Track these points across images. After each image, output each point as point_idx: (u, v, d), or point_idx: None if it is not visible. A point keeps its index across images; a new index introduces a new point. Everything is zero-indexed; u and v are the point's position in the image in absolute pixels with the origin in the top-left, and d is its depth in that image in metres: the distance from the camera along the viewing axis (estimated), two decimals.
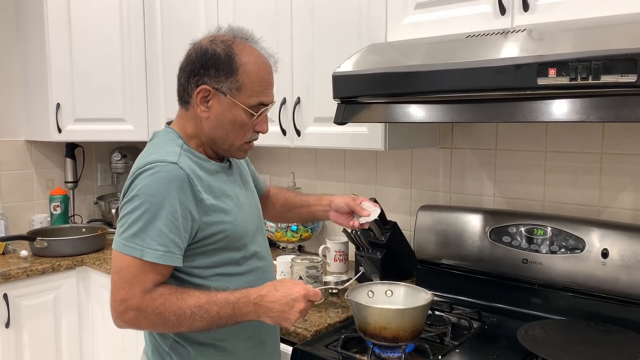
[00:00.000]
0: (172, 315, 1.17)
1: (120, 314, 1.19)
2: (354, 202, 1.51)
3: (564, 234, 1.64)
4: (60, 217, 2.86)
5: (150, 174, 1.18)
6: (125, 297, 1.17)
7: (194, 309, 1.17)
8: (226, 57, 1.24)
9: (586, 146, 1.73)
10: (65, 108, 2.62)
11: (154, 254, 1.16)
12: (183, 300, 1.17)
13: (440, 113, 1.43)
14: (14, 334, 2.30)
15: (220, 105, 1.26)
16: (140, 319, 1.18)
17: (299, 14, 1.98)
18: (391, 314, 1.39)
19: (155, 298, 1.17)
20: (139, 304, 1.16)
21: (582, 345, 1.42)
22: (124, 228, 1.18)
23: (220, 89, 1.25)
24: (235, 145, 1.31)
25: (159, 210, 1.16)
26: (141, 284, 1.17)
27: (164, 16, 2.53)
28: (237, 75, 1.24)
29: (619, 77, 1.10)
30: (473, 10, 1.52)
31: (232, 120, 1.27)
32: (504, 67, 1.25)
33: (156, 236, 1.16)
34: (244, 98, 1.26)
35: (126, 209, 1.19)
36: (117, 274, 1.19)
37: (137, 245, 1.16)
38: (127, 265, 1.17)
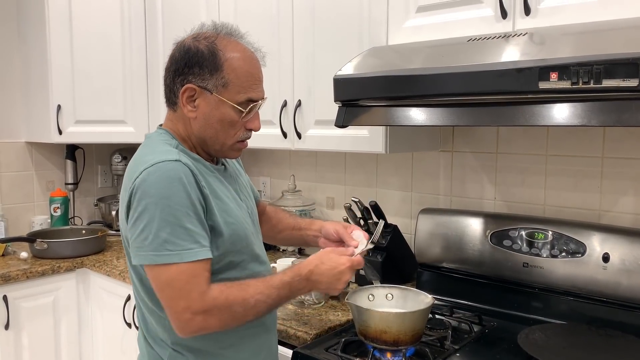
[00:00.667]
0: (239, 307, 1.17)
1: (187, 323, 1.15)
2: (344, 230, 1.46)
3: (564, 238, 1.64)
4: (60, 219, 2.86)
5: (157, 176, 1.14)
6: (186, 305, 1.14)
7: (256, 297, 1.18)
8: (210, 53, 1.21)
9: (587, 150, 1.72)
10: (66, 109, 2.62)
11: (191, 253, 1.14)
12: (244, 290, 1.18)
13: (441, 116, 1.42)
14: (13, 336, 2.30)
15: (207, 104, 1.23)
16: (209, 320, 1.15)
17: (300, 17, 1.98)
18: (391, 317, 1.38)
19: (217, 296, 1.15)
20: (202, 306, 1.14)
21: (583, 350, 1.42)
22: (150, 239, 1.13)
23: (205, 87, 1.22)
24: (226, 145, 1.28)
25: (177, 210, 1.13)
26: (196, 287, 1.14)
27: (165, 18, 2.54)
28: (222, 72, 1.21)
29: (621, 82, 1.10)
30: (474, 13, 1.52)
31: (220, 118, 1.24)
32: (505, 70, 1.25)
33: (186, 236, 1.14)
34: (231, 95, 1.23)
35: (144, 219, 1.14)
36: (168, 287, 1.15)
37: (172, 251, 1.13)
38: (172, 275, 1.14)
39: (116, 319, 2.32)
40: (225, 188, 1.30)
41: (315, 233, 1.53)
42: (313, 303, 1.81)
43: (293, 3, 2.00)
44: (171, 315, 1.16)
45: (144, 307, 1.29)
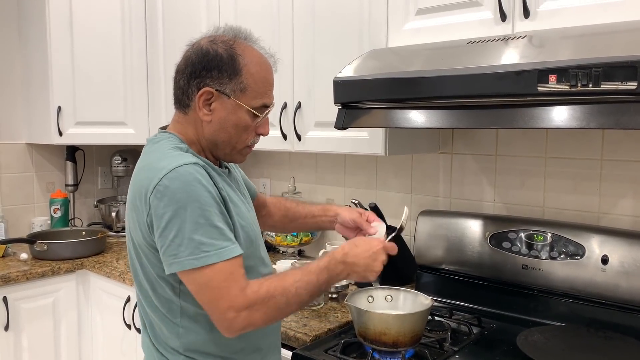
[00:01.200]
0: (281, 297, 1.16)
1: (232, 322, 1.14)
2: (360, 218, 1.49)
3: (563, 240, 1.64)
4: (60, 220, 2.87)
5: (181, 181, 1.12)
6: (230, 304, 1.13)
7: (297, 285, 1.17)
8: (229, 57, 1.21)
9: (586, 152, 1.73)
10: (67, 111, 2.63)
11: (227, 251, 1.14)
12: (282, 280, 1.18)
13: (441, 118, 1.43)
14: (13, 337, 2.30)
15: (223, 108, 1.22)
16: (254, 314, 1.14)
17: (300, 19, 1.99)
18: (391, 319, 1.39)
19: (257, 290, 1.15)
20: (244, 301, 1.13)
21: (582, 352, 1.42)
22: (185, 244, 1.12)
23: (223, 91, 1.21)
24: (237, 149, 1.28)
25: (208, 211, 1.13)
26: (235, 284, 1.13)
27: (166, 20, 2.54)
28: (240, 77, 1.21)
29: (619, 84, 1.10)
30: (474, 16, 1.53)
31: (236, 123, 1.24)
32: (504, 73, 1.25)
33: (219, 235, 1.14)
34: (248, 99, 1.23)
35: (175, 225, 1.12)
36: (206, 289, 1.14)
37: (208, 252, 1.12)
38: (210, 275, 1.12)
39: (116, 321, 2.32)
40: (233, 191, 1.29)
41: (331, 219, 1.56)
42: (313, 304, 1.81)
43: (293, 5, 2.00)
44: (215, 317, 1.15)
45: (155, 314, 1.26)
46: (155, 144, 1.26)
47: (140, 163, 1.25)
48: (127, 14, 2.63)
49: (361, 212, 1.51)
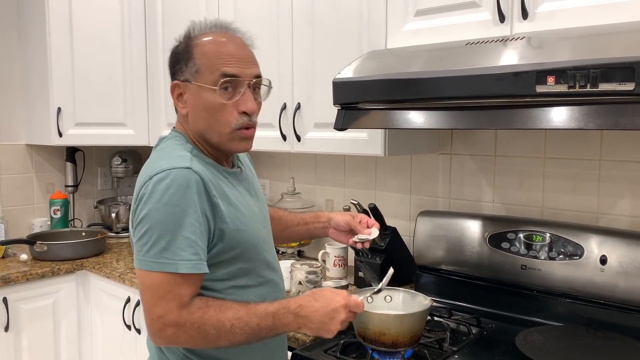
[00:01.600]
0: (212, 329, 1.12)
1: (158, 332, 1.13)
2: (353, 220, 1.47)
3: (562, 241, 1.64)
4: (60, 221, 2.87)
5: (166, 183, 1.12)
6: (162, 314, 1.12)
7: (233, 322, 1.12)
8: (185, 47, 1.23)
9: (585, 153, 1.73)
10: (66, 112, 2.63)
11: (188, 265, 1.11)
12: (222, 312, 1.13)
13: (440, 119, 1.43)
14: (13, 338, 2.30)
15: (191, 95, 1.22)
16: (180, 334, 1.13)
17: (299, 20, 1.99)
18: (390, 319, 1.39)
19: (193, 312, 1.12)
20: (177, 319, 1.11)
21: (581, 352, 1.42)
22: (150, 244, 1.12)
23: (186, 79, 1.21)
24: (224, 134, 1.22)
25: (183, 219, 1.12)
26: (177, 298, 1.12)
27: (165, 21, 2.55)
28: (194, 59, 1.20)
29: (617, 85, 1.11)
30: (472, 17, 1.53)
31: (205, 105, 1.20)
32: (503, 74, 1.26)
33: (187, 246, 1.12)
34: (205, 77, 1.19)
35: (147, 224, 1.13)
36: (148, 292, 1.13)
37: (169, 259, 1.11)
38: (158, 281, 1.12)
39: (116, 321, 2.33)
40: (239, 193, 1.27)
41: (323, 225, 1.53)
42: None
43: (292, 7, 2.01)
44: (146, 320, 1.15)
45: None
46: (164, 142, 1.28)
47: (147, 161, 1.26)
48: (126, 16, 2.63)
49: (354, 215, 1.49)
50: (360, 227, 1.45)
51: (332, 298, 1.16)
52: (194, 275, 1.14)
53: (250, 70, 1.23)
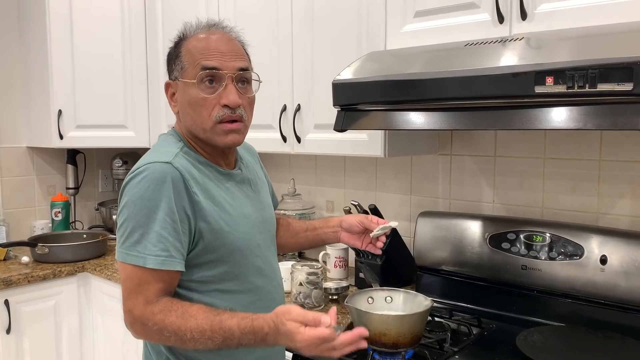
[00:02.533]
0: (172, 335, 1.11)
1: (130, 325, 1.16)
2: (367, 219, 1.44)
3: (562, 241, 1.64)
4: (61, 224, 2.87)
5: (142, 177, 1.14)
6: (130, 308, 1.13)
7: (194, 334, 1.09)
8: (174, 48, 1.28)
9: (584, 153, 1.74)
10: (67, 114, 2.64)
11: (155, 260, 1.12)
12: (184, 320, 1.10)
13: (440, 120, 1.44)
14: (14, 340, 2.31)
15: (179, 93, 1.25)
16: (146, 331, 1.13)
17: (299, 22, 2.00)
18: (391, 320, 1.39)
19: (155, 312, 1.12)
20: (141, 315, 1.12)
21: (581, 352, 1.42)
22: (125, 237, 1.14)
23: (175, 77, 1.26)
24: (207, 128, 1.21)
25: (156, 213, 1.12)
26: (144, 293, 1.13)
27: (166, 23, 2.55)
28: (180, 57, 1.24)
29: (616, 86, 1.11)
30: (472, 18, 1.53)
31: (189, 100, 1.22)
32: (502, 75, 1.26)
33: (157, 241, 1.12)
34: (188, 73, 1.22)
35: (123, 217, 1.16)
36: (123, 284, 1.16)
37: (140, 253, 1.12)
38: (130, 274, 1.14)
39: (117, 323, 2.33)
40: (229, 195, 1.26)
41: (334, 229, 1.49)
42: (313, 306, 1.82)
43: (292, 8, 2.01)
44: (123, 310, 1.17)
45: None
46: (158, 139, 1.32)
47: None
48: (126, 17, 2.64)
49: (367, 216, 1.46)
50: (375, 224, 1.42)
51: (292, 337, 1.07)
52: (162, 271, 1.13)
53: (233, 63, 1.22)
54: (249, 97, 1.27)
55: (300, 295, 1.82)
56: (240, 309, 1.17)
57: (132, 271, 1.14)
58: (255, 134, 1.52)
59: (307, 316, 1.08)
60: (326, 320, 1.07)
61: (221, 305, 1.18)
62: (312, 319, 1.07)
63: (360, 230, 1.45)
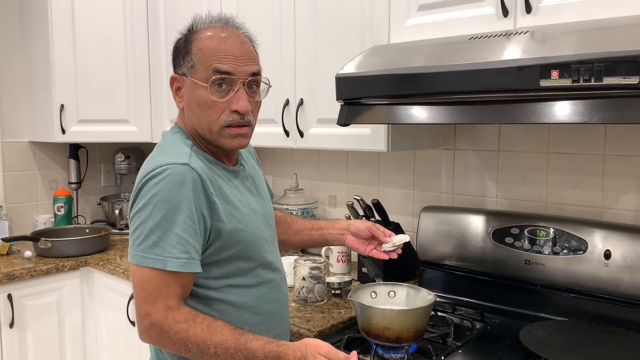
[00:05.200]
0: (195, 347, 1.09)
1: (145, 329, 1.13)
2: (375, 228, 1.44)
3: (566, 235, 1.64)
4: (64, 218, 2.87)
5: (161, 178, 1.12)
6: (148, 312, 1.11)
7: (218, 349, 1.08)
8: (184, 41, 1.23)
9: (589, 147, 1.73)
10: (69, 109, 2.63)
11: (176, 263, 1.10)
12: (209, 334, 1.09)
13: (443, 114, 1.43)
14: (18, 334, 2.31)
15: (186, 90, 1.22)
16: (164, 339, 1.12)
17: (302, 16, 1.99)
18: (394, 314, 1.39)
19: (179, 321, 1.10)
20: (162, 321, 1.10)
21: (585, 346, 1.42)
22: (141, 239, 1.12)
23: (183, 73, 1.22)
24: (214, 131, 1.20)
25: (176, 215, 1.11)
26: (164, 298, 1.11)
27: (168, 18, 2.55)
28: (191, 54, 1.20)
29: (621, 79, 1.10)
30: (476, 12, 1.53)
31: (197, 101, 1.20)
32: (506, 68, 1.25)
33: (177, 243, 1.10)
34: (199, 73, 1.19)
35: (140, 218, 1.13)
36: (138, 287, 1.13)
37: (158, 255, 1.10)
38: (148, 277, 1.11)
39: (120, 317, 2.33)
40: (238, 192, 1.26)
41: (340, 232, 1.49)
42: (316, 301, 1.82)
43: (295, 2, 2.00)
44: (137, 315, 1.14)
45: None
46: (164, 138, 1.29)
47: (147, 157, 1.25)
48: (129, 12, 2.63)
49: (374, 224, 1.46)
50: (383, 235, 1.44)
51: None
52: (182, 274, 1.12)
53: (246, 68, 1.21)
54: (257, 101, 1.26)
55: (303, 290, 1.82)
56: (252, 303, 1.21)
57: (150, 274, 1.11)
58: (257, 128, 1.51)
59: (339, 355, 1.09)
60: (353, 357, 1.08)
61: (235, 300, 1.19)
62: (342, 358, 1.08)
63: (367, 237, 1.46)
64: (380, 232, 1.44)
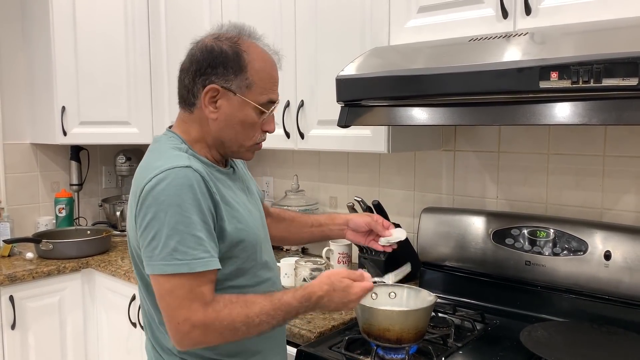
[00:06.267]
0: (242, 325, 1.13)
1: (186, 335, 1.12)
2: (373, 221, 1.47)
3: (566, 236, 1.64)
4: (65, 220, 2.88)
5: (167, 183, 1.11)
6: (187, 316, 1.10)
7: (262, 317, 1.14)
8: (234, 54, 1.20)
9: (588, 149, 1.73)
10: (71, 111, 2.64)
11: (201, 263, 1.11)
12: (249, 308, 1.14)
13: (443, 116, 1.43)
14: (19, 336, 2.32)
15: (229, 105, 1.21)
16: (209, 334, 1.12)
17: (302, 17, 1.99)
18: (394, 315, 1.39)
19: (220, 309, 1.12)
20: (203, 318, 1.11)
21: (585, 347, 1.42)
22: (160, 247, 1.10)
23: (229, 87, 1.20)
24: (244, 146, 1.26)
25: (189, 217, 1.11)
26: (199, 297, 1.11)
27: (169, 20, 2.55)
28: (246, 73, 1.20)
29: (620, 80, 1.11)
30: (476, 13, 1.53)
31: (243, 119, 1.22)
32: (506, 70, 1.26)
33: (196, 244, 1.11)
34: (254, 96, 1.21)
35: (154, 228, 1.11)
36: (169, 296, 1.11)
37: (181, 260, 1.10)
38: (176, 284, 1.10)
39: (121, 319, 2.34)
40: (234, 193, 1.27)
41: (340, 227, 1.53)
42: None
43: (295, 3, 2.01)
44: (170, 326, 1.13)
45: (150, 314, 1.27)
46: (157, 143, 1.27)
47: (141, 162, 1.24)
48: (129, 14, 2.64)
49: (372, 216, 1.50)
50: (382, 228, 1.48)
51: (350, 289, 1.22)
52: (208, 272, 1.13)
53: (279, 95, 1.29)
54: None
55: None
56: None
57: (178, 280, 1.10)
58: None
59: (355, 273, 1.26)
60: (368, 275, 1.27)
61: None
62: (358, 275, 1.25)
63: (366, 230, 1.50)
64: (379, 227, 1.47)
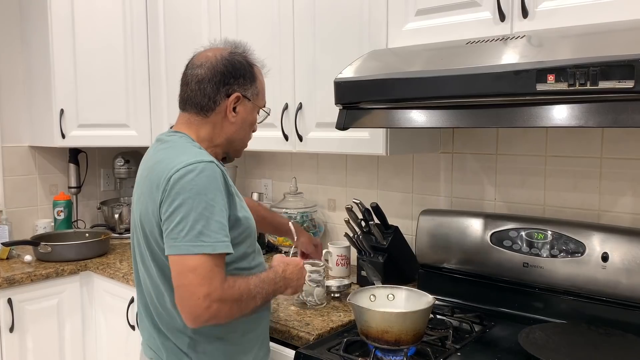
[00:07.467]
0: (245, 297, 1.30)
1: (205, 310, 1.23)
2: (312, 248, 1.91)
3: (564, 238, 1.65)
4: (63, 222, 2.88)
5: (196, 173, 1.26)
6: (208, 292, 1.23)
7: (256, 289, 1.33)
8: (249, 66, 1.43)
9: (586, 151, 1.74)
10: (69, 114, 2.64)
11: (223, 245, 1.26)
12: (247, 282, 1.31)
13: (441, 118, 1.44)
14: (18, 339, 2.32)
15: (245, 110, 1.44)
16: (222, 308, 1.25)
17: (300, 20, 2.00)
18: (393, 317, 1.40)
19: (231, 285, 1.27)
20: (221, 294, 1.24)
21: (583, 349, 1.43)
22: (186, 231, 1.24)
23: (246, 95, 1.43)
24: (246, 145, 1.50)
25: (214, 206, 1.26)
26: (219, 276, 1.25)
27: (167, 24, 2.56)
28: (256, 82, 1.44)
29: (617, 83, 1.11)
30: (473, 16, 1.54)
31: (251, 122, 1.47)
32: (503, 73, 1.27)
33: (219, 229, 1.26)
34: (259, 102, 1.47)
35: (181, 212, 1.24)
36: (192, 274, 1.23)
37: (206, 242, 1.24)
38: (200, 263, 1.23)
39: (120, 321, 2.34)
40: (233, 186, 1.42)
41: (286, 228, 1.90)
42: (315, 304, 1.83)
43: (294, 6, 2.01)
44: (189, 302, 1.24)
45: (168, 296, 1.35)
46: (170, 141, 1.40)
47: (156, 158, 1.37)
48: (128, 17, 2.64)
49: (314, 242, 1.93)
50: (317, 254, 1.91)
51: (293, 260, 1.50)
52: (223, 254, 1.28)
53: None
54: None
55: (302, 293, 1.82)
56: None
57: (202, 260, 1.24)
58: (257, 132, 1.55)
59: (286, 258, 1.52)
60: None
61: None
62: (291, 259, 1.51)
63: None
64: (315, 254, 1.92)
